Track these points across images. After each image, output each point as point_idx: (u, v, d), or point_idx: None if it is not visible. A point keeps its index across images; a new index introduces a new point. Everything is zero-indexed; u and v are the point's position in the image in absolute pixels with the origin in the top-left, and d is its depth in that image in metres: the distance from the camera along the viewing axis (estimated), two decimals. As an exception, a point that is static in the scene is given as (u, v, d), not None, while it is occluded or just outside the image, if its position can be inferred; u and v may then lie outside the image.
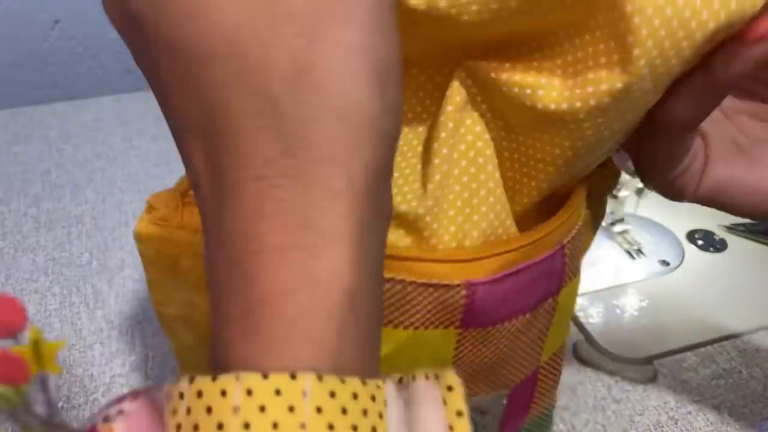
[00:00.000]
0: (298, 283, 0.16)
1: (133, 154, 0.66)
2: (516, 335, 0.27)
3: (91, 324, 0.47)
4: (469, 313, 0.25)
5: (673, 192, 0.27)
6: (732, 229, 0.54)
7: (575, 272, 0.28)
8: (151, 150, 0.66)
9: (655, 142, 0.25)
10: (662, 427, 0.40)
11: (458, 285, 0.24)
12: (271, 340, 0.16)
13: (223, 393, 0.15)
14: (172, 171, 0.63)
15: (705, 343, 0.45)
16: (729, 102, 0.28)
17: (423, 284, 0.24)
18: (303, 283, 0.16)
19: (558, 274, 0.27)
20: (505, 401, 0.30)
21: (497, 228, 0.26)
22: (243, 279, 0.17)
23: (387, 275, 0.24)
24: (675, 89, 0.23)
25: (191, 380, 0.15)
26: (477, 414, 0.29)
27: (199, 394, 0.15)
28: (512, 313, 0.26)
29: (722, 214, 0.27)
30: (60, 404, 0.41)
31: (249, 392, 0.15)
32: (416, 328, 0.25)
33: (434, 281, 0.24)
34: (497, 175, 0.25)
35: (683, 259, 0.51)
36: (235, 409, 0.15)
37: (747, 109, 0.28)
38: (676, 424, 0.40)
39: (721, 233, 0.54)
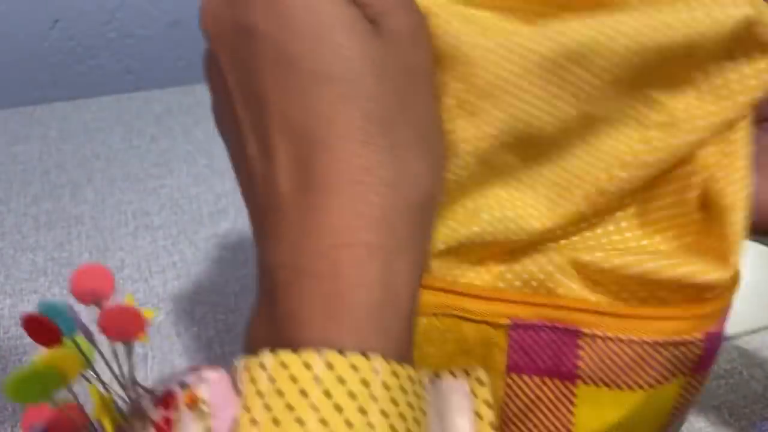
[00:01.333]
0: (381, 277, 0.18)
1: (133, 154, 0.66)
2: None
3: (91, 324, 0.47)
4: (703, 361, 0.25)
5: None
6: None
7: None
8: (151, 150, 0.66)
9: None
10: (662, 427, 0.40)
11: (700, 340, 0.24)
12: (349, 325, 0.18)
13: (307, 365, 0.17)
14: (172, 171, 0.63)
15: (705, 343, 0.45)
16: None
17: (661, 343, 0.24)
18: (382, 280, 0.19)
19: None
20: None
21: None
22: (329, 268, 0.18)
23: (623, 336, 0.24)
24: None
25: (273, 353, 0.17)
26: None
27: (284, 365, 0.17)
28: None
29: None
30: (59, 404, 0.41)
31: (329, 365, 0.17)
32: (651, 386, 0.25)
33: (674, 339, 0.24)
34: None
35: (683, 259, 0.51)
36: (317, 379, 0.17)
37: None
38: (676, 424, 0.40)
39: (721, 233, 0.54)
